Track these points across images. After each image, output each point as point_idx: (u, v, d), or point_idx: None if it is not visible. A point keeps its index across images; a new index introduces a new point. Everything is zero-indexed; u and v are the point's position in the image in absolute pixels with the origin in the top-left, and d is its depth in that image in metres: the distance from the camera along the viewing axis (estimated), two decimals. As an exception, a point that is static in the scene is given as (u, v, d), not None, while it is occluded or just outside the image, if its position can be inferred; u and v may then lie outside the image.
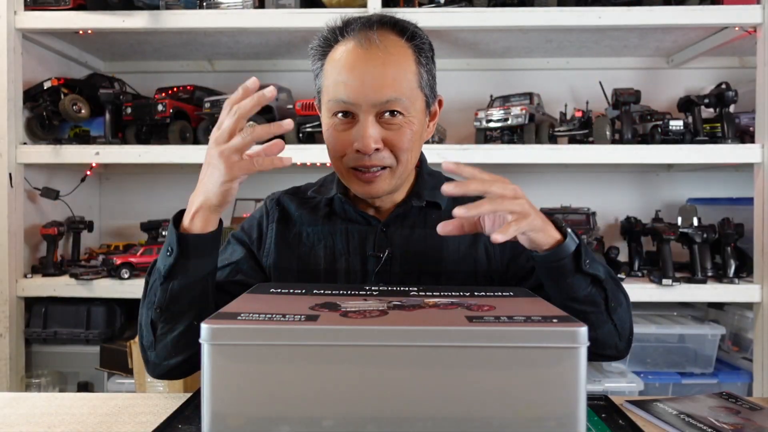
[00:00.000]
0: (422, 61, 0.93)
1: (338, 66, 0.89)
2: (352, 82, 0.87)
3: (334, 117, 0.91)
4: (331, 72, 0.91)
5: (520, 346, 0.57)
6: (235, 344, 0.57)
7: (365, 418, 0.57)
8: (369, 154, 0.89)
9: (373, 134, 0.88)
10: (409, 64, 0.90)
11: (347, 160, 0.92)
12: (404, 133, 0.90)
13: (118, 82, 2.33)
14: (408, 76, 0.90)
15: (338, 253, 0.99)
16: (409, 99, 0.89)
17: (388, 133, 0.90)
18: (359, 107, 0.88)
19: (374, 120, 0.89)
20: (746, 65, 2.34)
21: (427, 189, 1.01)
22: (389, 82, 0.87)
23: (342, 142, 0.91)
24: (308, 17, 1.91)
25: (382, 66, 0.87)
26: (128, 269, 2.00)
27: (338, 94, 0.89)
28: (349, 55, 0.89)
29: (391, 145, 0.90)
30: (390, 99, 0.87)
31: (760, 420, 0.74)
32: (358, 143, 0.88)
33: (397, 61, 0.89)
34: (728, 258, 1.95)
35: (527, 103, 2.04)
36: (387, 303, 0.69)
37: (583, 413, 0.57)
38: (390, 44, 0.89)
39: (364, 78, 0.87)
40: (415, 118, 0.91)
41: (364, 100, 0.87)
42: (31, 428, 0.73)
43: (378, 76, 0.87)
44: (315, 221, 1.02)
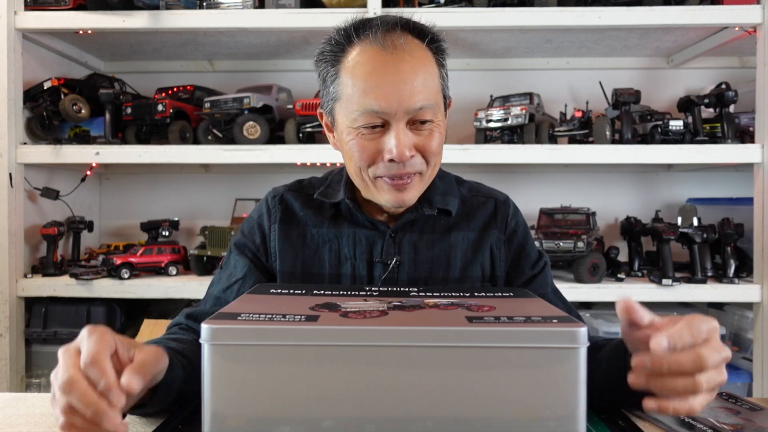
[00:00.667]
0: (442, 63, 0.90)
1: (363, 73, 0.84)
2: (382, 90, 0.83)
3: (361, 127, 0.86)
4: (352, 79, 0.85)
5: (520, 347, 0.57)
6: (235, 344, 0.57)
7: (365, 418, 0.57)
8: (404, 161, 0.85)
9: (407, 142, 0.84)
10: (434, 68, 0.88)
11: (376, 169, 0.88)
12: (434, 137, 0.88)
13: (118, 82, 2.33)
14: (434, 80, 0.87)
15: (344, 257, 0.96)
16: (437, 104, 0.87)
17: (419, 139, 0.86)
18: (392, 116, 0.84)
19: (406, 127, 0.85)
20: (746, 65, 2.34)
21: (438, 195, 0.98)
22: (420, 88, 0.84)
23: (371, 152, 0.86)
24: (308, 17, 1.91)
25: (412, 72, 0.83)
26: (128, 269, 2.01)
27: (368, 103, 0.83)
28: (374, 60, 0.84)
29: (423, 151, 0.87)
30: (424, 106, 0.84)
31: (760, 420, 0.74)
32: (390, 153, 0.84)
33: (424, 66, 0.85)
34: (728, 258, 1.95)
35: (527, 103, 2.04)
36: (387, 303, 0.69)
37: (583, 413, 0.57)
38: (414, 48, 0.86)
39: (396, 85, 0.82)
40: (442, 122, 0.89)
41: (398, 108, 0.83)
42: (31, 428, 0.73)
43: (410, 83, 0.83)
44: (320, 223, 0.98)
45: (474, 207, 1.01)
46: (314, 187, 1.03)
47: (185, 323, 0.94)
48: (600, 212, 2.31)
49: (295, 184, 1.05)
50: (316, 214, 0.99)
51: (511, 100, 2.08)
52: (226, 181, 2.50)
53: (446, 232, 0.98)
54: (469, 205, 1.02)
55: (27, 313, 2.03)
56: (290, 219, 0.99)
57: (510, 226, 1.01)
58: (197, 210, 2.49)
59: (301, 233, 0.98)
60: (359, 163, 0.88)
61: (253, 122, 2.00)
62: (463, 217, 1.00)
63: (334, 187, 1.00)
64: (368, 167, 0.88)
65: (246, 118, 2.00)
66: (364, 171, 0.89)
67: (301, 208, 1.00)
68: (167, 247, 2.13)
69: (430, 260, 0.96)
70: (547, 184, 2.44)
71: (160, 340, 0.83)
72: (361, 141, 0.87)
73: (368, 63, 0.84)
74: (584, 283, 1.94)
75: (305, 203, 1.00)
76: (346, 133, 0.88)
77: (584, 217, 2.08)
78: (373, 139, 0.86)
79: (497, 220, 1.00)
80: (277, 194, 1.02)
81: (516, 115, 2.00)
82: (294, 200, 1.01)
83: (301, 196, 1.01)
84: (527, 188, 2.43)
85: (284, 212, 1.00)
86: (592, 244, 1.96)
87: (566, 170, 2.42)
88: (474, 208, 1.01)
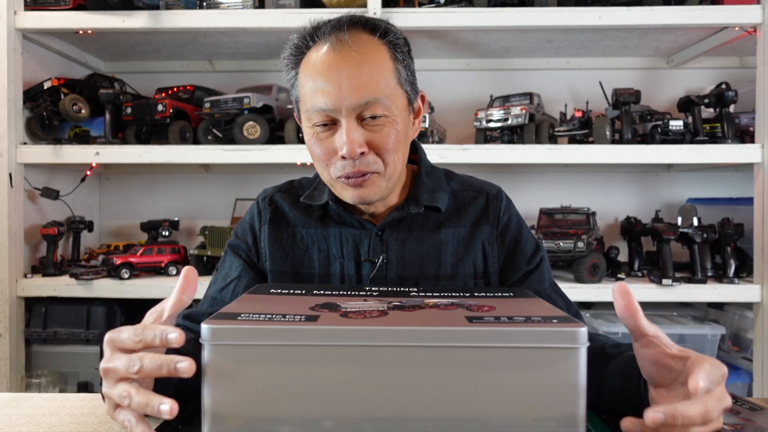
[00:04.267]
0: (398, 57, 0.88)
1: (312, 72, 0.85)
2: (328, 88, 0.83)
3: (315, 126, 0.87)
4: (305, 80, 0.87)
5: (520, 347, 0.57)
6: (235, 344, 0.57)
7: (365, 418, 0.57)
8: (355, 159, 0.85)
9: (356, 138, 0.84)
10: (385, 62, 0.86)
11: (334, 169, 0.88)
12: (388, 133, 0.86)
13: (118, 82, 2.33)
14: (385, 74, 0.86)
15: (332, 257, 0.96)
16: (389, 98, 0.85)
17: (372, 135, 0.86)
18: (339, 112, 0.84)
19: (356, 123, 0.85)
20: (746, 65, 2.34)
21: (425, 192, 0.97)
22: (366, 82, 0.83)
23: (326, 151, 0.87)
24: (308, 17, 1.87)
25: (356, 67, 0.83)
26: (128, 269, 2.01)
27: (316, 102, 0.84)
28: (322, 59, 0.85)
29: (376, 148, 0.86)
30: (369, 100, 0.83)
31: (760, 420, 0.74)
32: (342, 149, 0.84)
33: (372, 60, 0.85)
34: (728, 258, 1.95)
35: (527, 103, 2.04)
36: (387, 303, 0.69)
37: (583, 413, 0.57)
38: (363, 43, 0.85)
39: (340, 81, 0.83)
40: (398, 116, 0.87)
41: (342, 104, 0.83)
42: (31, 428, 0.73)
43: (354, 78, 0.83)
44: (309, 223, 0.98)
45: (465, 202, 1.00)
46: (303, 188, 1.04)
47: (182, 324, 0.94)
48: (600, 212, 2.31)
49: (285, 185, 1.06)
50: (305, 215, 0.99)
51: (511, 100, 2.08)
52: (226, 181, 2.50)
53: (436, 228, 0.97)
54: (460, 200, 1.01)
55: (27, 313, 2.03)
56: (280, 220, 1.00)
57: (502, 221, 0.99)
58: (197, 210, 2.49)
59: (291, 234, 0.99)
60: (319, 162, 0.90)
61: (253, 122, 2.00)
62: (454, 212, 0.99)
63: (320, 189, 1.00)
64: (327, 167, 0.89)
65: (246, 118, 2.00)
66: (326, 171, 0.90)
67: (291, 209, 1.00)
68: (167, 247, 2.13)
69: (419, 258, 0.95)
70: (547, 184, 2.44)
71: None
72: (317, 140, 0.88)
73: (317, 62, 0.86)
74: (584, 283, 1.94)
75: (294, 204, 1.01)
76: (306, 133, 0.90)
77: (584, 217, 2.08)
78: (326, 138, 0.87)
79: (489, 215, 0.99)
80: (267, 196, 1.03)
81: (516, 115, 2.00)
82: (283, 201, 1.01)
83: (290, 197, 1.02)
84: (527, 188, 2.43)
85: (274, 213, 1.00)
86: (592, 244, 1.96)
87: (566, 170, 2.42)
88: (465, 203, 1.00)
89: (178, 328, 0.62)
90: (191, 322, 0.94)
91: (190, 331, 0.93)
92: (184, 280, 0.67)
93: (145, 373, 0.59)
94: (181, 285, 0.67)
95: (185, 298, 0.67)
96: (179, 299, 0.66)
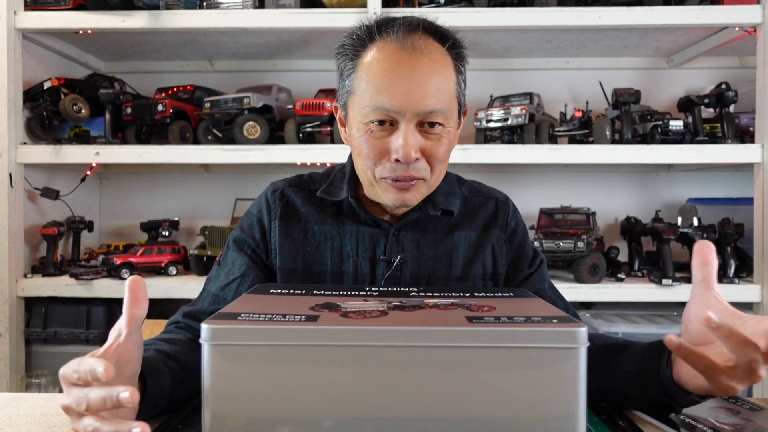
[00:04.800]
0: (461, 69, 0.90)
1: (379, 69, 0.84)
2: (395, 89, 0.83)
3: (371, 123, 0.86)
4: (368, 75, 0.85)
5: (520, 347, 0.57)
6: (235, 344, 0.57)
7: (365, 418, 0.57)
8: (409, 164, 0.85)
9: (414, 144, 0.84)
10: (451, 73, 0.87)
11: (381, 169, 0.87)
12: (442, 143, 0.87)
13: (118, 82, 2.33)
14: (450, 86, 0.87)
15: (346, 254, 0.95)
16: (449, 109, 0.86)
17: (427, 143, 0.86)
18: (402, 115, 0.84)
19: (415, 129, 0.85)
20: (746, 65, 2.34)
21: (441, 195, 0.98)
22: (433, 91, 0.83)
23: (378, 150, 0.86)
24: (308, 17, 1.91)
25: (427, 74, 0.83)
26: (128, 269, 2.01)
27: (379, 100, 0.83)
28: (392, 59, 0.84)
29: (429, 156, 0.87)
30: (435, 109, 0.84)
31: (760, 420, 0.74)
32: (397, 152, 0.84)
33: (441, 70, 0.85)
34: (728, 258, 1.95)
35: (527, 103, 2.04)
36: (387, 303, 0.69)
37: (583, 413, 0.57)
38: (434, 51, 0.85)
39: (410, 85, 0.82)
40: (452, 128, 0.89)
41: (408, 108, 0.83)
42: (31, 428, 0.73)
43: (423, 84, 0.83)
44: (323, 219, 0.97)
45: (475, 207, 1.02)
46: (315, 183, 1.02)
47: (183, 322, 0.94)
48: (600, 212, 2.31)
49: (295, 179, 1.04)
50: (318, 211, 0.98)
51: (511, 100, 2.08)
52: (226, 181, 2.50)
53: (448, 231, 0.99)
54: (470, 205, 1.03)
55: (27, 313, 2.03)
56: (291, 215, 0.98)
57: (510, 226, 1.02)
58: (197, 210, 2.49)
59: (303, 230, 0.97)
60: (366, 161, 0.88)
61: (253, 122, 2.00)
62: (465, 216, 1.01)
63: (337, 185, 0.99)
64: (374, 166, 0.88)
65: (246, 118, 2.00)
66: (371, 169, 0.89)
67: (303, 204, 0.99)
68: (167, 247, 2.13)
69: (432, 259, 0.96)
70: (547, 184, 2.44)
71: (152, 341, 0.83)
72: (370, 138, 0.87)
73: (385, 60, 0.85)
74: (584, 283, 1.94)
75: (306, 199, 0.99)
76: (356, 129, 0.89)
77: (584, 217, 2.08)
78: (381, 137, 0.86)
79: (498, 220, 1.01)
80: (278, 189, 1.01)
81: (516, 115, 2.00)
82: (295, 196, 1.00)
83: (302, 192, 1.00)
84: (527, 188, 2.43)
85: (285, 208, 0.99)
86: (592, 244, 1.96)
87: (566, 170, 2.42)
88: (475, 208, 1.02)
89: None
90: (192, 319, 0.94)
91: (189, 329, 0.93)
92: (131, 294, 0.62)
93: (92, 410, 0.56)
94: (128, 300, 0.62)
95: (138, 311, 0.62)
96: (131, 314, 0.62)
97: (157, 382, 0.69)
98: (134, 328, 0.62)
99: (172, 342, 0.83)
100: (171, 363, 0.74)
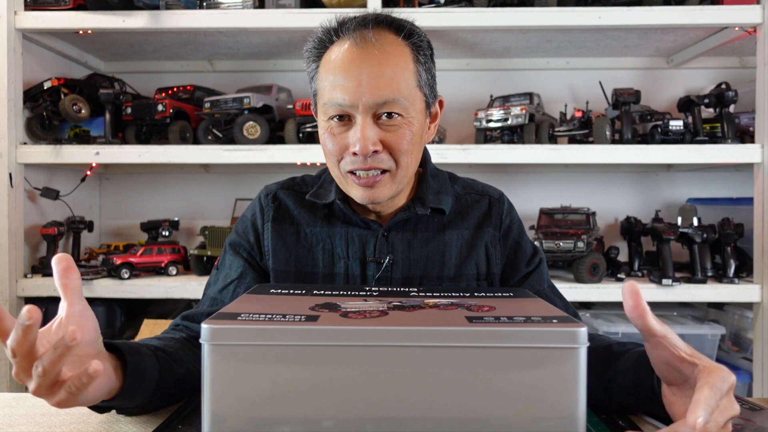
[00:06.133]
0: (420, 59, 0.89)
1: (333, 67, 0.86)
2: (347, 84, 0.84)
3: (330, 120, 0.87)
4: (325, 74, 0.87)
5: (520, 347, 0.57)
6: (235, 344, 0.57)
7: (365, 418, 0.57)
8: (367, 156, 0.85)
9: (370, 136, 0.84)
10: (407, 63, 0.87)
11: (344, 163, 0.88)
12: (403, 134, 0.86)
13: (118, 82, 2.33)
14: (406, 75, 0.86)
15: (337, 256, 0.96)
16: (407, 99, 0.86)
17: (387, 135, 0.86)
18: (356, 109, 0.84)
19: (372, 121, 0.85)
20: (746, 65, 2.34)
21: (431, 194, 0.97)
22: (386, 81, 0.84)
23: (339, 145, 0.87)
24: (308, 17, 1.91)
25: (378, 65, 0.84)
26: (128, 269, 2.01)
27: (334, 96, 0.85)
28: (345, 55, 0.85)
29: (390, 148, 0.86)
30: (387, 100, 0.84)
31: (760, 420, 0.74)
32: (354, 146, 0.85)
33: (394, 60, 0.85)
34: (728, 258, 1.95)
35: (527, 103, 2.04)
36: (387, 303, 0.69)
37: (583, 413, 0.57)
38: (387, 43, 0.85)
39: (360, 78, 0.83)
40: (415, 119, 0.88)
41: (360, 101, 0.83)
42: (32, 428, 0.73)
43: (374, 76, 0.83)
44: (314, 222, 0.98)
45: (468, 205, 1.01)
46: (307, 185, 1.03)
47: (181, 324, 0.95)
48: (600, 212, 2.31)
49: (288, 181, 1.04)
50: (310, 213, 0.99)
51: (511, 100, 2.08)
52: (226, 181, 2.50)
53: (440, 230, 0.98)
54: (463, 203, 1.01)
55: (27, 313, 2.03)
56: (284, 217, 0.99)
57: (505, 224, 1.01)
58: (197, 210, 2.49)
59: (295, 232, 0.98)
60: (330, 157, 0.90)
61: (253, 122, 2.00)
62: (458, 215, 1.00)
63: (326, 187, 1.00)
64: (338, 162, 0.89)
65: (246, 118, 2.00)
66: (336, 165, 0.90)
67: (295, 207, 0.99)
68: (167, 247, 2.13)
69: (424, 259, 0.96)
70: (547, 184, 2.44)
71: (142, 339, 0.84)
72: (331, 134, 0.88)
73: (339, 58, 0.86)
74: (584, 283, 1.94)
75: (298, 201, 1.00)
76: (321, 127, 0.91)
77: (584, 217, 2.08)
78: (341, 133, 0.87)
79: (492, 218, 1.00)
80: (270, 192, 1.02)
81: (516, 115, 2.00)
82: (287, 198, 1.00)
83: (294, 194, 1.01)
84: (527, 188, 2.43)
85: (277, 210, 0.99)
86: (592, 244, 1.96)
87: (566, 170, 2.42)
88: (468, 206, 1.01)
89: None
90: (191, 322, 0.94)
91: (186, 329, 0.93)
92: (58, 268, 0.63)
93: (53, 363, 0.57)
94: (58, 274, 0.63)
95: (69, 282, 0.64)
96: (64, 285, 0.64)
97: (137, 359, 0.70)
98: (74, 298, 0.64)
99: (163, 339, 0.85)
100: (158, 352, 0.76)
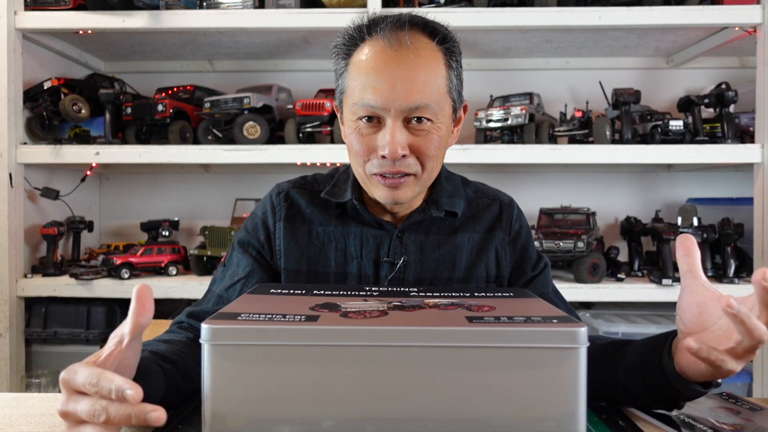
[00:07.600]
0: (452, 65, 0.89)
1: (366, 68, 0.85)
2: (380, 86, 0.83)
3: (359, 120, 0.86)
4: (357, 73, 0.86)
5: (520, 347, 0.57)
6: (235, 344, 0.57)
7: (365, 418, 0.57)
8: (396, 160, 0.85)
9: (400, 140, 0.84)
10: (440, 68, 0.87)
11: (370, 165, 0.88)
12: (431, 139, 0.87)
13: (118, 82, 2.33)
14: (438, 81, 0.86)
15: (350, 256, 0.96)
16: (438, 104, 0.86)
17: (416, 139, 0.86)
18: (387, 112, 0.84)
19: (402, 125, 0.85)
20: (746, 65, 2.34)
21: (445, 196, 0.98)
22: (419, 86, 0.83)
23: (367, 147, 0.87)
24: (308, 17, 1.91)
25: (412, 69, 0.83)
26: (128, 269, 2.01)
27: (365, 97, 0.84)
28: (378, 56, 0.84)
29: (418, 152, 0.86)
30: (420, 105, 0.83)
31: (760, 420, 0.74)
32: (384, 149, 0.84)
33: (428, 65, 0.85)
34: (728, 258, 1.95)
35: (527, 103, 2.04)
36: (387, 303, 0.69)
37: (583, 413, 0.57)
38: (421, 47, 0.85)
39: (393, 82, 0.83)
40: (443, 124, 0.88)
41: (392, 104, 0.83)
42: (31, 428, 0.73)
43: (408, 80, 0.83)
44: (327, 221, 0.97)
45: (479, 209, 1.02)
46: (319, 184, 1.02)
47: (186, 322, 0.94)
48: (600, 212, 2.31)
49: (300, 180, 1.04)
50: (322, 212, 0.98)
51: (511, 100, 2.08)
52: (226, 181, 2.50)
53: (452, 233, 0.98)
54: (475, 207, 1.02)
55: (27, 313, 2.03)
56: (296, 216, 0.99)
57: (514, 228, 1.02)
58: (197, 210, 2.49)
59: (307, 231, 0.98)
60: (357, 157, 0.89)
61: (253, 122, 2.00)
62: (469, 218, 1.00)
63: (341, 186, 1.00)
64: (364, 162, 0.89)
65: (246, 118, 2.00)
66: (361, 166, 0.90)
67: (307, 206, 0.99)
68: (167, 247, 2.13)
69: (435, 261, 0.96)
70: (547, 184, 2.44)
71: (150, 342, 0.83)
72: (359, 135, 0.88)
73: (372, 59, 0.85)
74: (584, 283, 1.94)
75: (311, 200, 0.99)
76: (348, 127, 0.90)
77: (584, 217, 2.08)
78: (369, 134, 0.87)
79: (502, 222, 1.01)
80: (282, 191, 1.01)
81: (516, 115, 2.00)
82: (299, 197, 1.00)
83: (306, 193, 1.00)
84: (527, 188, 2.43)
85: (289, 209, 0.99)
86: (592, 244, 1.96)
87: (566, 170, 2.42)
88: (479, 209, 1.02)
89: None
90: (195, 320, 0.94)
91: (192, 329, 0.93)
92: (138, 302, 0.60)
93: (113, 423, 0.55)
94: (135, 308, 0.60)
95: (143, 320, 0.60)
96: (136, 323, 0.60)
97: (147, 383, 0.68)
98: (136, 335, 0.62)
99: (171, 342, 0.83)
100: (165, 365, 0.74)
